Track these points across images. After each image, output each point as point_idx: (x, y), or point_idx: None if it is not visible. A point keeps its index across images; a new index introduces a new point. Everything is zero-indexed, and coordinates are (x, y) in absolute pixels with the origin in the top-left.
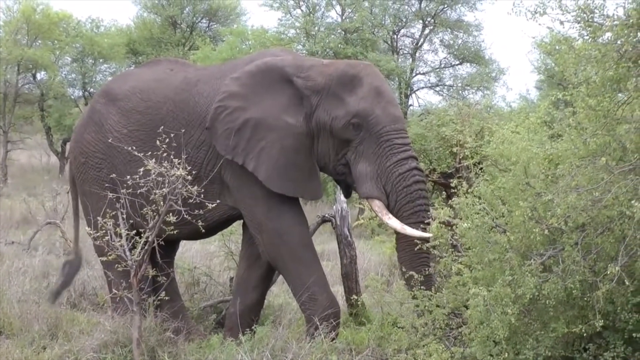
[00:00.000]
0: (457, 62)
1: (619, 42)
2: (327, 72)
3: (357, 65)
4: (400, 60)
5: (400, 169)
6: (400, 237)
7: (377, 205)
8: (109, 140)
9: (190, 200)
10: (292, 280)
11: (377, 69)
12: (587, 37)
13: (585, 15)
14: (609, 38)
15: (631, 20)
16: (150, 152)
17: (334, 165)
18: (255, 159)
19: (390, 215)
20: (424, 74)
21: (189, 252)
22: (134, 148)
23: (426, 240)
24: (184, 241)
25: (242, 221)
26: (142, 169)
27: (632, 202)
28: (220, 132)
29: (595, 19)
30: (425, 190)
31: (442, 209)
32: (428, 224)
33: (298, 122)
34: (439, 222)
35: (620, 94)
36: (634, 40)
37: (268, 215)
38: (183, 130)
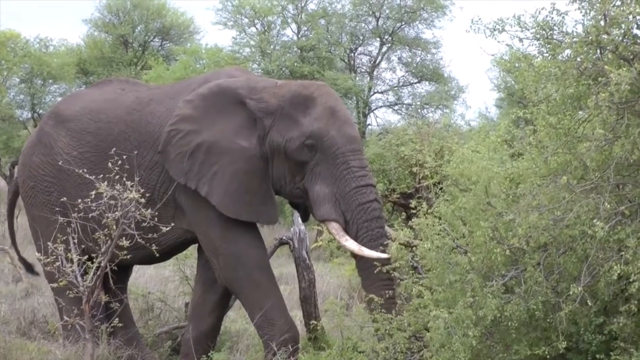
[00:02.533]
0: (416, 80)
1: (578, 59)
2: (280, 93)
3: (310, 86)
4: (357, 78)
5: (360, 198)
6: (360, 259)
7: (335, 227)
8: (59, 163)
9: (144, 224)
10: (249, 304)
11: (331, 88)
12: (547, 55)
13: (544, 32)
14: (569, 55)
15: (590, 37)
16: (102, 175)
17: (290, 188)
18: (208, 183)
19: (348, 237)
20: (382, 92)
21: (142, 277)
22: (85, 170)
23: (386, 262)
24: (138, 266)
25: (197, 244)
26: (94, 192)
27: (594, 221)
28: (173, 156)
29: (555, 36)
30: (384, 227)
31: (402, 230)
32: (389, 259)
33: (251, 144)
34: (399, 244)
35: (580, 112)
36: (593, 57)
37: (224, 239)
38: (135, 152)
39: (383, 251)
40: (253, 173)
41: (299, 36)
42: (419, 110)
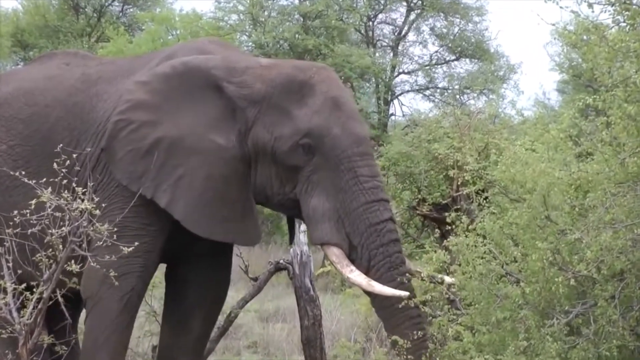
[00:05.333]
0: (453, 57)
1: None
2: (269, 76)
3: (308, 69)
4: (377, 54)
5: (372, 218)
6: (376, 295)
7: (336, 254)
8: None
9: (99, 243)
10: None
11: (334, 73)
12: (625, 25)
13: None
14: None
15: None
16: (33, 176)
17: (279, 199)
18: (169, 191)
19: (353, 268)
20: (409, 72)
21: None
22: (23, 172)
23: (408, 298)
24: None
25: (165, 269)
26: (33, 202)
27: None
28: (121, 155)
29: (635, 1)
30: (402, 252)
31: (435, 251)
32: (412, 292)
33: (229, 142)
34: (430, 271)
35: None
36: None
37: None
38: (87, 148)
39: (404, 285)
40: (230, 179)
41: (302, 0)
42: (457, 96)
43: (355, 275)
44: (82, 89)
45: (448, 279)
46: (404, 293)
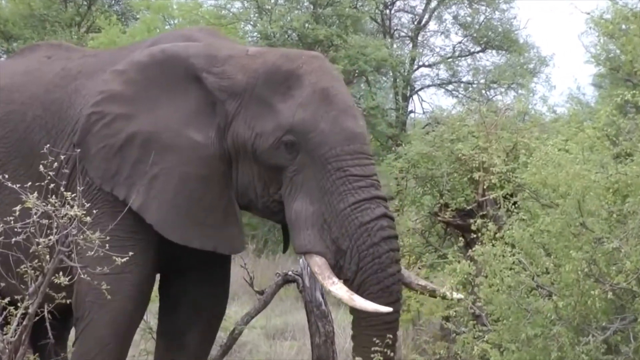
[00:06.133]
0: (479, 49)
1: None
2: (252, 66)
3: (296, 57)
4: (395, 46)
5: (362, 217)
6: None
7: (318, 264)
8: None
9: (90, 253)
10: None
11: (328, 63)
12: None
13: None
14: None
15: None
16: (13, 180)
17: (264, 202)
18: (143, 192)
19: (335, 279)
20: (430, 65)
21: None
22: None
23: (391, 315)
24: None
25: (159, 279)
26: (18, 208)
27: None
28: (94, 152)
29: None
30: (398, 250)
31: (459, 262)
32: (400, 299)
33: (208, 139)
34: (454, 282)
35: None
36: None
37: None
38: (70, 147)
39: (390, 290)
40: (210, 180)
41: None
42: (483, 92)
43: (337, 288)
44: (61, 84)
45: (455, 295)
46: (386, 309)
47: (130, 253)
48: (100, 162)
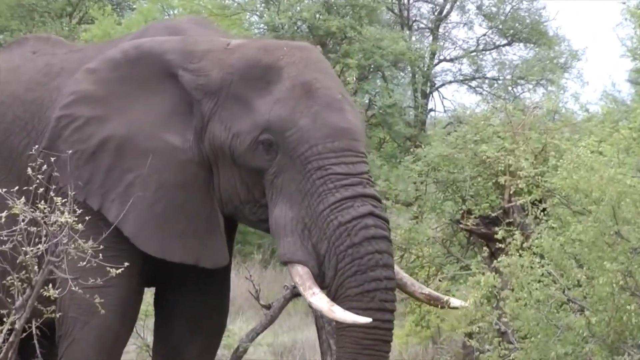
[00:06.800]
0: (504, 42)
1: None
2: (228, 61)
3: (277, 49)
4: (414, 38)
5: (342, 216)
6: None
7: (300, 274)
8: None
9: (82, 263)
10: None
11: (316, 53)
12: None
13: None
14: None
15: None
16: None
17: (250, 209)
18: (118, 202)
19: (316, 290)
20: (452, 60)
21: None
22: None
23: (376, 329)
24: None
25: (155, 294)
26: (5, 213)
27: None
28: (64, 158)
29: None
30: (388, 253)
31: (483, 274)
32: (390, 310)
33: (186, 142)
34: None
35: None
36: None
37: None
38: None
39: (376, 308)
40: (189, 187)
41: None
42: (510, 88)
43: (317, 299)
44: (42, 82)
45: (456, 301)
46: (365, 320)
47: (114, 264)
48: (71, 170)
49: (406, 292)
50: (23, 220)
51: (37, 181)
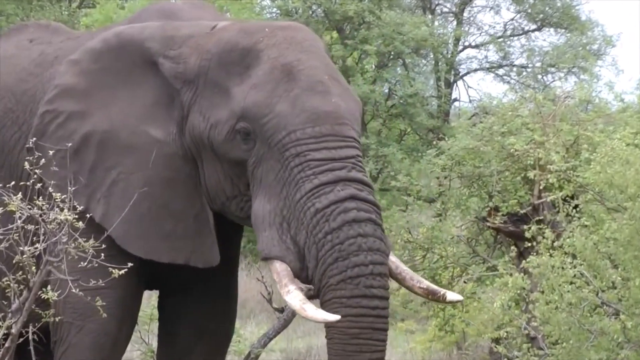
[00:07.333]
0: (534, 27)
1: None
2: (206, 46)
3: (257, 31)
4: (437, 23)
5: (319, 202)
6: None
7: (277, 271)
8: None
9: (82, 264)
10: None
11: (302, 33)
12: None
13: None
14: None
15: None
16: None
17: (237, 203)
18: (104, 201)
19: (291, 288)
20: (477, 46)
21: None
22: None
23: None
24: None
25: (159, 298)
26: (0, 210)
27: None
28: (49, 156)
29: None
30: (374, 237)
31: (511, 275)
32: (379, 296)
33: (169, 135)
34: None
35: None
36: None
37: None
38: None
39: (361, 295)
40: (175, 183)
41: None
42: (539, 77)
43: (291, 298)
44: (35, 72)
45: (452, 295)
46: (334, 317)
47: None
48: (57, 168)
49: (405, 287)
50: (20, 218)
51: (35, 176)
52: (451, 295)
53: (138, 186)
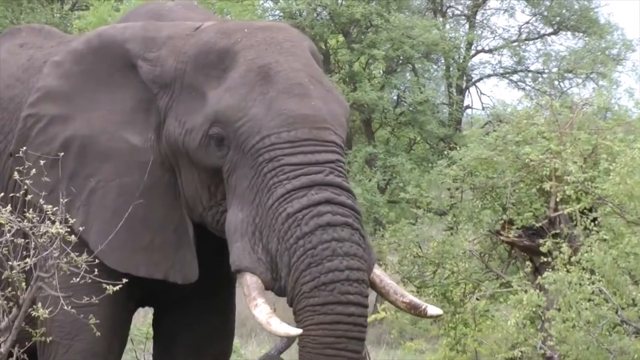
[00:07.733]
0: (550, 31)
1: None
2: (182, 48)
3: (235, 31)
4: (448, 27)
5: (291, 207)
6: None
7: (247, 283)
8: None
9: (75, 279)
10: None
11: (284, 33)
12: None
13: None
14: None
15: None
16: None
17: (214, 214)
18: (83, 210)
19: (259, 301)
20: (490, 51)
21: None
22: None
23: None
24: None
25: (153, 316)
26: None
27: None
28: (31, 163)
29: None
30: (351, 242)
31: (526, 291)
32: (355, 303)
33: (146, 142)
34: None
35: None
36: None
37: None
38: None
39: (334, 302)
40: (153, 192)
41: None
42: (556, 83)
43: (259, 311)
44: (22, 78)
45: (433, 310)
46: (296, 331)
47: (95, 282)
48: (37, 176)
49: (389, 301)
50: (9, 231)
51: (25, 187)
52: (432, 310)
53: (116, 195)
